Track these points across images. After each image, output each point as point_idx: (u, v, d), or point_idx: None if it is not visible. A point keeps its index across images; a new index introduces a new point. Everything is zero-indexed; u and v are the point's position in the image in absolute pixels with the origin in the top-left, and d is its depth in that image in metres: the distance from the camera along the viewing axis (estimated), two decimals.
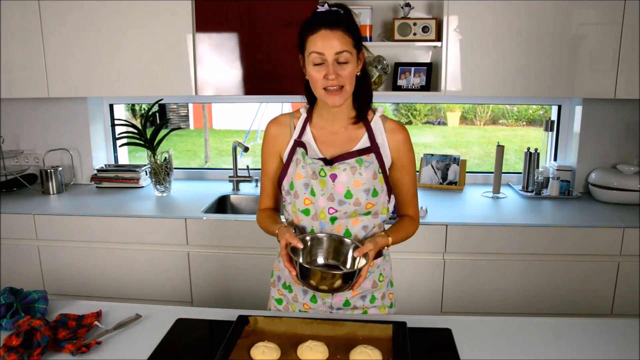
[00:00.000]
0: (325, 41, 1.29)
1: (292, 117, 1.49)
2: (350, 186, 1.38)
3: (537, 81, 2.47)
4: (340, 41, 1.29)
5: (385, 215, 1.45)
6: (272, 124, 1.51)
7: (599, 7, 2.36)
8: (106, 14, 2.55)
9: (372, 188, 1.39)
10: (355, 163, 1.39)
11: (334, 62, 1.30)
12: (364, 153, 1.40)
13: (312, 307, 1.49)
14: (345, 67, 1.31)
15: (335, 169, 1.38)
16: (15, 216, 2.51)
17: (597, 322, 1.40)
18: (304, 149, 1.42)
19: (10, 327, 1.32)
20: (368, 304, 1.49)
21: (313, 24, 1.31)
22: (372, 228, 1.44)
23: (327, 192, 1.38)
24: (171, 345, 1.28)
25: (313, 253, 1.39)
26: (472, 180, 3.06)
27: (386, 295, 1.53)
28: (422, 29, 2.56)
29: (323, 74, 1.31)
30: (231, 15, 2.50)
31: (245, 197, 2.89)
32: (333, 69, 1.30)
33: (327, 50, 1.29)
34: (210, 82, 2.60)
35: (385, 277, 1.53)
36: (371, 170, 1.39)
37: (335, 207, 1.39)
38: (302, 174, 1.40)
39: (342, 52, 1.29)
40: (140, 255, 2.48)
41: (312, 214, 1.41)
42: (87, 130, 3.01)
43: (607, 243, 2.30)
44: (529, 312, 2.37)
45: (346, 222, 1.41)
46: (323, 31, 1.29)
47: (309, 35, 1.31)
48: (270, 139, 1.50)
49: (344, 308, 1.48)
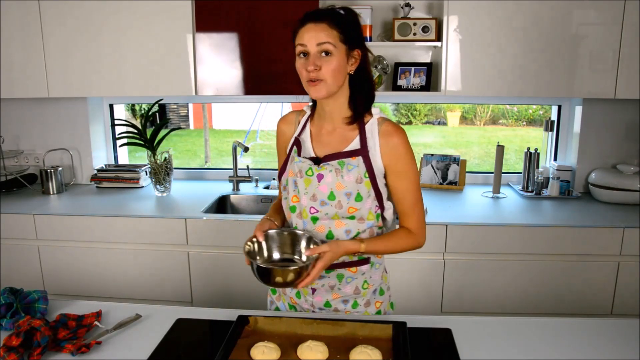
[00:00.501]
0: (310, 33, 1.30)
1: (298, 115, 1.51)
2: (333, 188, 1.36)
3: (537, 81, 2.47)
4: (324, 33, 1.29)
5: (373, 222, 1.40)
6: (281, 122, 1.54)
7: (599, 7, 2.36)
8: (106, 14, 2.55)
9: (356, 192, 1.35)
10: (338, 165, 1.36)
11: (316, 54, 1.30)
12: (350, 155, 1.37)
13: (297, 302, 1.50)
14: (329, 60, 1.30)
15: (322, 169, 1.37)
16: (15, 216, 2.51)
17: (597, 322, 1.40)
18: (298, 146, 1.44)
19: (10, 327, 1.32)
20: (350, 309, 1.46)
21: (302, 19, 1.34)
22: (358, 234, 1.40)
23: (311, 191, 1.38)
24: (171, 345, 1.28)
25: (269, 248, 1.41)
26: (472, 180, 3.06)
27: (372, 302, 1.48)
28: (422, 29, 2.56)
29: (305, 65, 1.32)
30: (231, 15, 2.50)
31: (245, 197, 2.89)
32: (313, 60, 1.30)
33: (309, 42, 1.30)
34: (210, 82, 2.60)
35: (371, 285, 1.47)
36: (354, 174, 1.35)
37: (316, 207, 1.38)
38: (293, 171, 1.41)
39: (324, 43, 1.29)
40: (140, 255, 2.48)
41: (297, 212, 1.42)
42: (87, 130, 3.01)
43: (607, 243, 2.30)
44: (529, 312, 2.37)
45: (329, 224, 1.39)
46: (309, 24, 1.31)
47: (298, 30, 1.34)
48: (280, 135, 1.54)
49: (325, 309, 1.47)
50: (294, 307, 1.51)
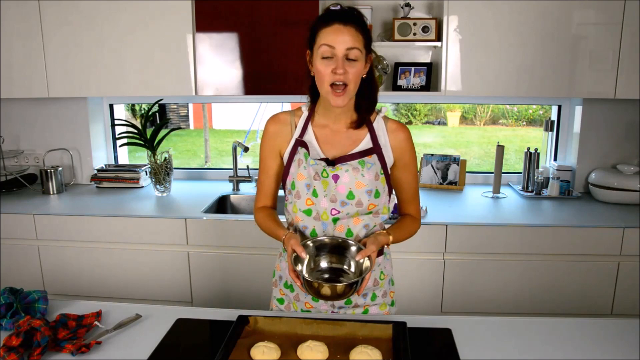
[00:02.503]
0: (338, 35, 1.28)
1: (293, 116, 1.47)
2: (352, 187, 1.37)
3: (537, 81, 2.47)
4: (352, 37, 1.28)
5: (386, 215, 1.46)
6: (271, 122, 1.49)
7: (599, 7, 2.36)
8: (106, 14, 2.55)
9: (375, 189, 1.39)
10: (358, 164, 1.38)
11: (344, 58, 1.29)
12: (366, 154, 1.40)
13: (314, 305, 1.48)
14: (353, 65, 1.30)
15: (338, 170, 1.38)
16: (15, 216, 2.51)
17: (597, 322, 1.40)
18: (306, 148, 1.41)
19: (10, 327, 1.32)
20: (369, 302, 1.49)
21: (327, 17, 1.31)
22: (373, 227, 1.44)
23: (330, 193, 1.38)
24: (171, 345, 1.28)
25: (316, 258, 1.38)
26: (472, 180, 3.06)
27: (387, 293, 1.53)
28: (422, 29, 2.56)
29: (331, 68, 1.29)
30: (231, 15, 2.50)
31: (245, 197, 2.89)
32: (342, 64, 1.28)
33: (338, 45, 1.28)
34: (210, 82, 2.60)
35: (387, 275, 1.53)
36: (373, 172, 1.39)
37: (337, 208, 1.39)
38: (304, 174, 1.39)
39: (353, 48, 1.28)
40: (140, 255, 2.48)
41: (314, 215, 1.41)
42: (87, 130, 3.01)
43: (607, 243, 2.29)
44: (529, 312, 2.37)
45: (348, 222, 1.41)
46: (336, 25, 1.28)
47: (322, 28, 1.30)
48: (270, 137, 1.48)
49: (345, 306, 1.48)
50: (309, 311, 1.50)
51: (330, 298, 1.28)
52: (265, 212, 1.52)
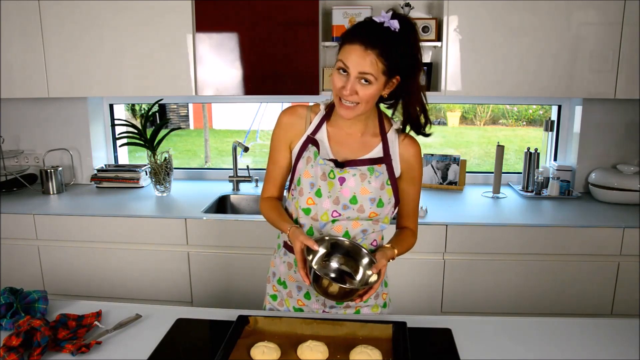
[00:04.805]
0: (355, 58, 1.25)
1: (310, 111, 1.46)
2: (357, 192, 1.37)
3: (537, 81, 2.47)
4: (370, 64, 1.24)
5: (386, 225, 1.45)
6: (287, 113, 1.47)
7: (599, 7, 2.36)
8: (106, 14, 2.55)
9: (379, 198, 1.39)
10: (367, 171, 1.38)
11: (356, 79, 1.27)
12: (375, 162, 1.40)
13: (306, 303, 1.49)
14: (367, 88, 1.27)
15: (345, 172, 1.37)
16: (15, 216, 2.51)
17: (597, 322, 1.40)
18: (317, 147, 1.41)
19: (10, 327, 1.32)
20: (361, 303, 1.47)
21: (354, 32, 1.27)
22: (371, 233, 1.43)
23: (334, 194, 1.38)
24: (171, 345, 1.28)
25: (328, 256, 1.38)
26: (472, 180, 3.06)
27: (379, 294, 1.52)
28: (422, 29, 2.56)
29: (342, 84, 1.28)
30: (231, 15, 2.50)
31: (245, 197, 2.89)
32: (352, 85, 1.27)
33: (352, 67, 1.26)
34: (210, 82, 2.60)
35: None
36: (380, 181, 1.38)
37: (339, 210, 1.38)
38: (310, 173, 1.39)
39: (367, 74, 1.25)
40: (140, 255, 2.48)
41: (312, 214, 1.40)
42: (87, 130, 3.01)
43: (607, 243, 2.29)
44: (529, 312, 2.37)
45: (346, 224, 1.40)
46: (357, 46, 1.24)
47: (345, 43, 1.28)
48: (283, 128, 1.46)
49: (336, 306, 1.48)
50: (301, 309, 1.50)
51: (333, 297, 1.28)
52: (271, 202, 1.51)
